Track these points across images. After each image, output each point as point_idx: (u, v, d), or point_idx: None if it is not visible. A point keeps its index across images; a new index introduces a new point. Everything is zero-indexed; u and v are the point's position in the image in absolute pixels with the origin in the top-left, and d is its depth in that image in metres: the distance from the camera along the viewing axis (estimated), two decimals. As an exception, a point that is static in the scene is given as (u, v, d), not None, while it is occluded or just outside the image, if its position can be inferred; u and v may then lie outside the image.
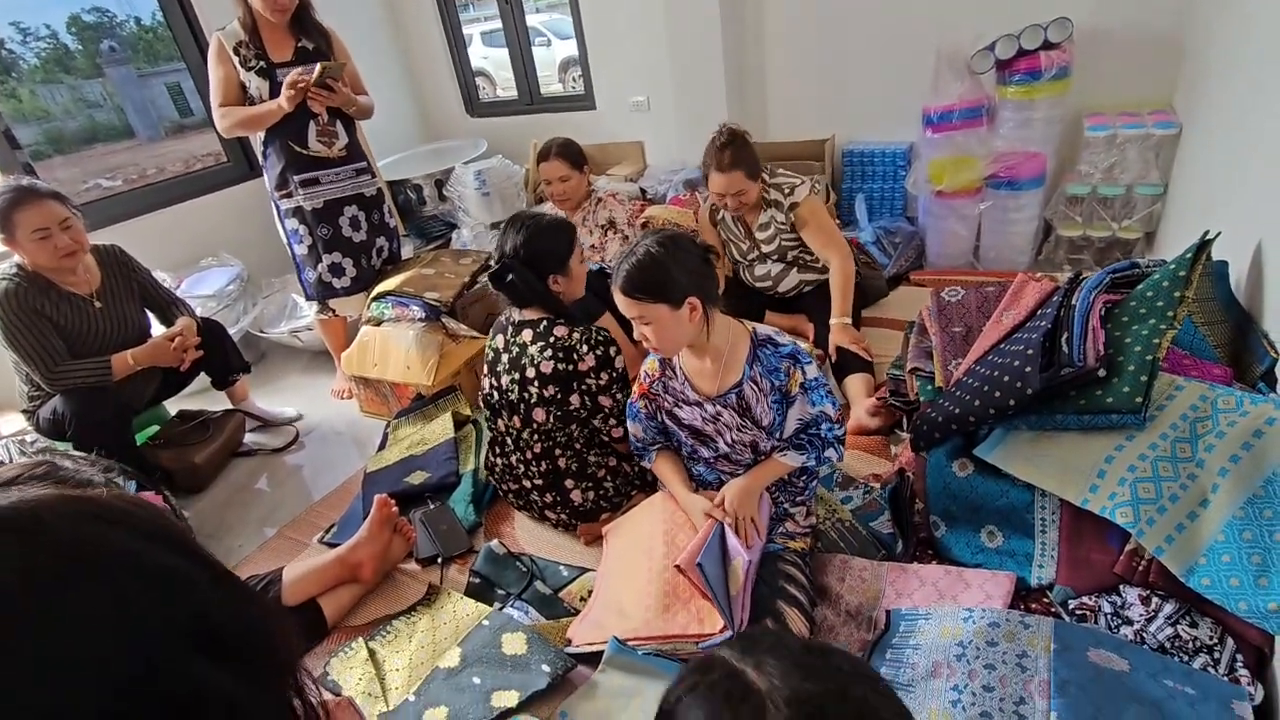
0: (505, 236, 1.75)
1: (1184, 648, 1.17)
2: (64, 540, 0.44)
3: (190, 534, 0.51)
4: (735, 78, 3.30)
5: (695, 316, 1.43)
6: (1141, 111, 2.50)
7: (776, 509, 1.62)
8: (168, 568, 0.47)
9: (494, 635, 1.52)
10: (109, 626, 0.42)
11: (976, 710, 1.15)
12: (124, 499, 0.48)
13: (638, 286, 1.40)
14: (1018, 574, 1.40)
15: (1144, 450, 1.28)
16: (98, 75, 3.85)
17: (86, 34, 3.36)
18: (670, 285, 1.39)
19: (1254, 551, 1.13)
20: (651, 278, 1.39)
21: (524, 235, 1.71)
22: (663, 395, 1.61)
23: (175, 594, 0.46)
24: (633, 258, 1.41)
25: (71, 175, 3.53)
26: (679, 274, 1.40)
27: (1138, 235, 2.55)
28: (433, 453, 2.17)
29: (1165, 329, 1.34)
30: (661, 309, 1.40)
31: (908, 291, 2.76)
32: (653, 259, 1.40)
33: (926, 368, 1.79)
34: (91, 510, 0.45)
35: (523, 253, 1.70)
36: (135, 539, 0.46)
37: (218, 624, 0.47)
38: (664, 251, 1.40)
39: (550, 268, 1.73)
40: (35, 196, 1.94)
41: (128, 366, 2.09)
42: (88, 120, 4.13)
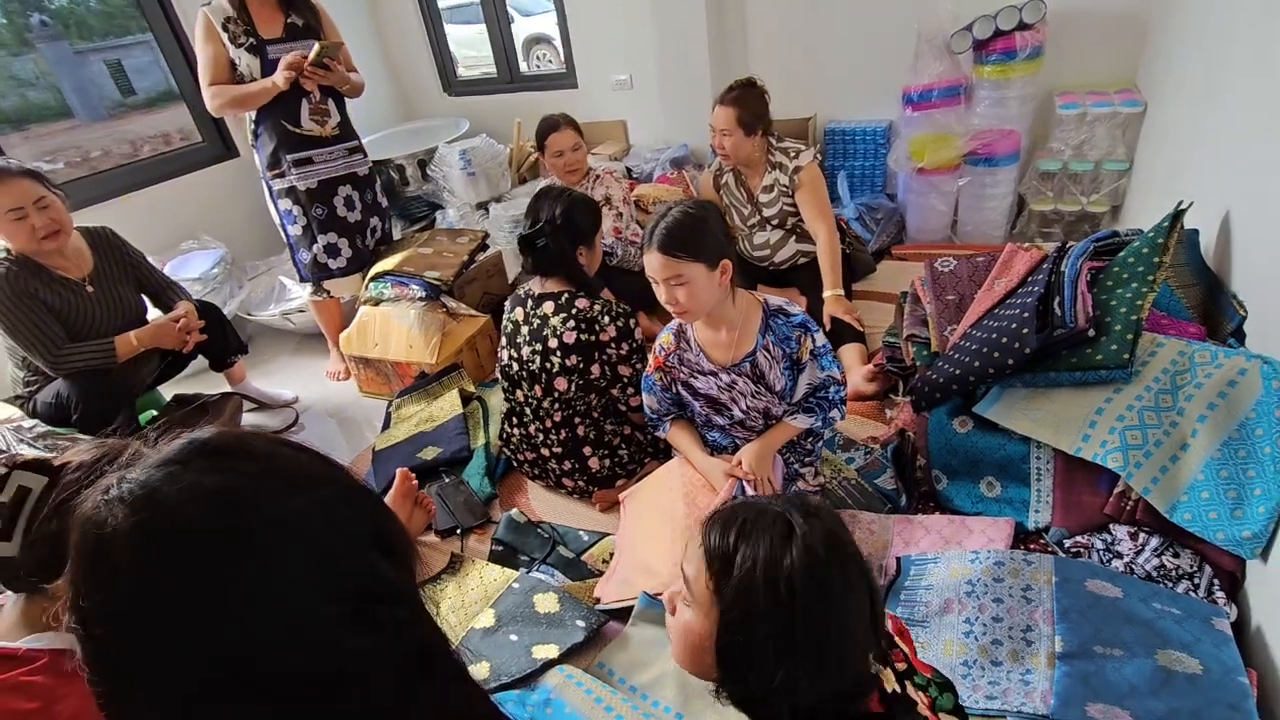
0: (540, 204, 1.80)
1: (1168, 576, 1.30)
2: (274, 458, 0.52)
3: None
4: (719, 56, 3.34)
5: (725, 280, 1.48)
6: (1109, 90, 2.65)
7: (787, 470, 1.72)
8: (350, 483, 0.55)
9: (525, 596, 1.59)
10: (318, 529, 0.50)
11: (988, 639, 1.26)
12: (290, 440, 0.58)
13: (678, 244, 1.41)
14: (1016, 519, 1.52)
15: (1131, 401, 1.40)
16: (28, 51, 3.65)
17: (11, 5, 3.19)
18: (709, 244, 1.43)
19: (1230, 487, 1.26)
20: (691, 235, 1.41)
21: (562, 205, 1.76)
22: (678, 368, 1.67)
23: (358, 505, 0.55)
24: (669, 218, 1.43)
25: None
26: (716, 234, 1.44)
27: (1105, 209, 2.71)
28: (443, 428, 2.20)
29: (1146, 292, 1.46)
30: (699, 268, 1.43)
31: (892, 265, 2.88)
32: (691, 218, 1.42)
33: (922, 334, 1.89)
34: (273, 436, 0.55)
35: (560, 220, 1.75)
36: (322, 461, 0.55)
37: (384, 529, 0.56)
38: (700, 211, 1.44)
39: (581, 239, 1.78)
40: (6, 175, 1.86)
41: (132, 348, 2.06)
42: (20, 99, 3.93)
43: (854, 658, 0.76)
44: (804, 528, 0.76)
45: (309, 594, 0.47)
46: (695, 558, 0.83)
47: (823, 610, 0.73)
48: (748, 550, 0.76)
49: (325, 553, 0.49)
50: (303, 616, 0.47)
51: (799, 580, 0.72)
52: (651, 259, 1.45)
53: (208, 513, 0.46)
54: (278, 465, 0.51)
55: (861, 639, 0.76)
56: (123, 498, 0.47)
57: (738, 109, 2.26)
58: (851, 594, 0.75)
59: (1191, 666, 1.11)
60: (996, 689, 1.20)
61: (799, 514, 0.78)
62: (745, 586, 0.75)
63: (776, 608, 0.73)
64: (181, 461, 0.49)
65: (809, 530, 0.76)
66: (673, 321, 1.66)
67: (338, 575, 0.49)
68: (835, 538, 0.78)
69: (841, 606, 0.74)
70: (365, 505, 0.55)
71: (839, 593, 0.74)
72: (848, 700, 0.77)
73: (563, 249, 1.76)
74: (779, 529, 0.76)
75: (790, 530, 0.76)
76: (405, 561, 0.57)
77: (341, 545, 0.51)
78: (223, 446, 0.50)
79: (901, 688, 0.86)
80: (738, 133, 2.29)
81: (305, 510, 0.49)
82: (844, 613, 0.74)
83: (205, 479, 0.48)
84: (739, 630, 0.75)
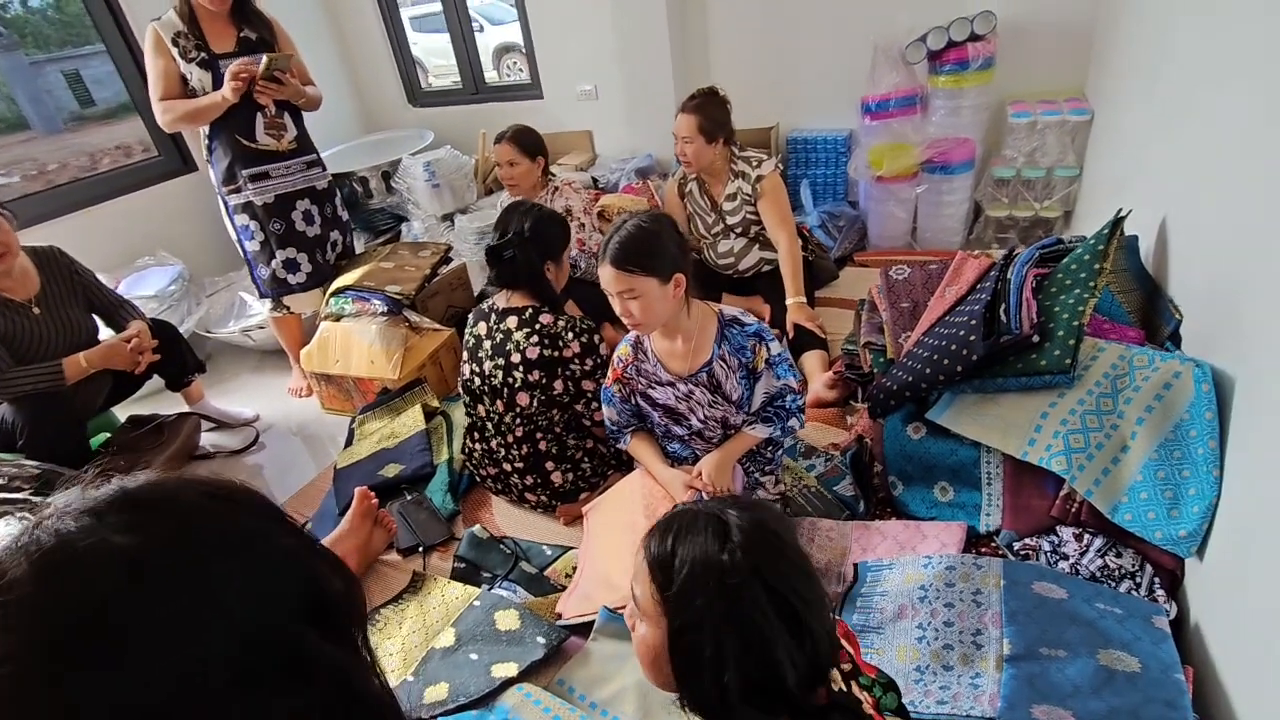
0: (510, 217, 1.81)
1: (1112, 575, 1.33)
2: (198, 515, 0.48)
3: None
4: (682, 68, 3.38)
5: (679, 293, 1.49)
6: (1058, 99, 2.72)
7: (748, 479, 1.73)
8: (285, 546, 0.51)
9: (486, 614, 1.58)
10: (234, 590, 0.46)
11: (940, 644, 1.28)
12: (239, 484, 0.53)
13: (631, 258, 1.42)
14: (968, 523, 1.55)
15: (1073, 405, 1.44)
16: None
17: (-41, 15, 3.12)
18: (662, 258, 1.44)
19: (1166, 488, 1.30)
20: (644, 250, 1.43)
21: (531, 219, 1.77)
22: (636, 379, 1.68)
23: (287, 573, 0.50)
24: (622, 232, 1.44)
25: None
26: (669, 248, 1.46)
27: (1058, 214, 2.78)
28: (405, 444, 2.18)
29: (1088, 298, 1.50)
30: (651, 282, 1.44)
31: (854, 272, 2.92)
32: (645, 232, 1.44)
33: (879, 341, 1.92)
34: (208, 489, 0.50)
35: (528, 233, 1.75)
36: (257, 518, 0.51)
37: (319, 596, 0.51)
38: (654, 225, 1.46)
39: (548, 253, 1.79)
40: None
41: (81, 370, 2.01)
42: (-28, 112, 3.82)
43: (806, 645, 0.76)
44: (738, 522, 0.78)
45: (212, 671, 0.43)
46: (639, 571, 0.85)
47: (765, 601, 0.74)
48: (684, 553, 0.78)
49: (237, 628, 0.45)
50: (203, 696, 0.43)
51: (737, 574, 0.74)
52: (605, 272, 1.47)
53: (105, 577, 0.43)
54: (199, 526, 0.48)
55: (814, 625, 0.77)
56: (28, 548, 0.44)
57: (699, 116, 2.29)
58: (795, 582, 0.77)
59: (1131, 665, 1.14)
60: (947, 693, 1.22)
61: (732, 510, 0.81)
62: (686, 589, 0.77)
63: (718, 604, 0.75)
64: (97, 513, 0.46)
65: (743, 525, 0.78)
66: (630, 333, 1.67)
67: (252, 651, 0.45)
68: (771, 530, 0.80)
69: (784, 596, 0.75)
70: (296, 571, 0.50)
71: (781, 583, 0.76)
72: (807, 689, 0.78)
73: (530, 262, 1.77)
74: (713, 528, 0.79)
75: (724, 527, 0.78)
76: (343, 629, 0.52)
77: (258, 619, 0.46)
78: (144, 500, 0.47)
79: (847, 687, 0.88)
80: (699, 140, 2.31)
81: (219, 579, 0.46)
82: (788, 602, 0.75)
83: (115, 538, 0.44)
84: (687, 633, 0.77)
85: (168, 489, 0.49)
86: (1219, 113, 1.39)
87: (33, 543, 0.44)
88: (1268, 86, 1.18)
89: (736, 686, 0.74)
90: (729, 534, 0.78)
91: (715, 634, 0.74)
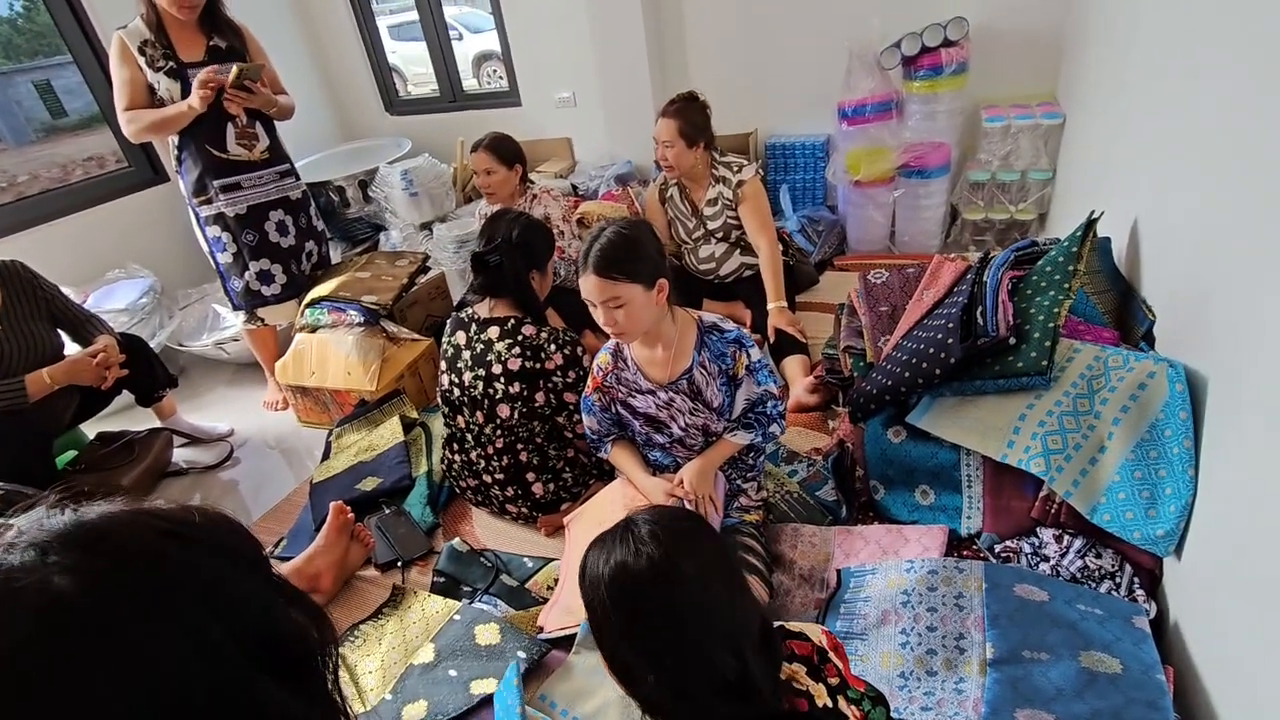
0: (497, 224, 1.79)
1: (1092, 576, 1.33)
2: (145, 560, 0.44)
3: (261, 549, 0.52)
4: (660, 75, 3.38)
5: (662, 299, 1.48)
6: (1031, 103, 2.75)
7: (730, 485, 1.71)
8: (242, 593, 0.47)
9: (466, 628, 1.55)
10: (172, 645, 0.42)
11: (923, 649, 1.27)
12: (207, 515, 0.49)
13: (614, 266, 1.40)
14: (949, 526, 1.55)
15: (1050, 407, 1.44)
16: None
17: (-77, 26, 3.05)
18: (645, 264, 1.42)
19: (1143, 488, 1.30)
20: (627, 256, 1.41)
21: (519, 226, 1.77)
22: (616, 387, 1.66)
23: (246, 618, 0.46)
24: (603, 239, 1.41)
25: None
26: (650, 253, 1.44)
27: (1032, 216, 2.81)
28: (383, 457, 2.15)
29: (1063, 299, 1.51)
30: (636, 289, 1.42)
31: (834, 276, 2.93)
32: (626, 239, 1.42)
33: (858, 345, 1.92)
34: (165, 527, 0.46)
35: (515, 240, 1.74)
36: (213, 557, 0.47)
37: (278, 642, 0.48)
38: (634, 231, 1.44)
39: (533, 262, 1.78)
40: None
41: (45, 386, 1.95)
42: (-60, 123, 3.74)
43: (718, 646, 0.76)
44: (644, 529, 0.81)
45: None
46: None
47: (666, 602, 0.78)
48: (597, 567, 0.82)
49: (171, 682, 0.42)
50: None
51: (636, 579, 0.78)
52: (588, 282, 1.44)
53: (27, 621, 0.39)
54: (145, 571, 0.44)
55: (724, 627, 0.78)
56: None
57: (679, 120, 2.29)
58: (701, 583, 0.79)
59: (1112, 667, 1.14)
60: (931, 699, 1.21)
61: (644, 517, 0.84)
62: (595, 599, 0.81)
63: (622, 609, 0.79)
64: (44, 548, 0.42)
65: (649, 531, 0.81)
66: (610, 341, 1.65)
67: (186, 706, 0.42)
68: (679, 533, 0.82)
69: (688, 597, 0.78)
70: (250, 617, 0.47)
71: (682, 583, 0.78)
72: (739, 699, 0.78)
73: (516, 269, 1.75)
74: (619, 537, 0.82)
75: (628, 535, 0.81)
76: (304, 673, 0.49)
77: (201, 672, 0.43)
78: (92, 538, 0.44)
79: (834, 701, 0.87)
80: (679, 144, 2.31)
81: (154, 634, 0.42)
82: (692, 603, 0.78)
83: (55, 579, 0.41)
84: (606, 641, 0.82)
85: (120, 527, 0.45)
86: (1186, 116, 1.41)
87: None
88: (1232, 90, 1.19)
89: (669, 688, 0.77)
90: (631, 541, 0.80)
91: (623, 639, 0.79)
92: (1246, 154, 1.12)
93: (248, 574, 0.49)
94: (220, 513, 0.50)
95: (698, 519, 0.93)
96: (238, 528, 0.51)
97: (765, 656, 0.80)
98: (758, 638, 0.80)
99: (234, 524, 0.51)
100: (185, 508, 0.49)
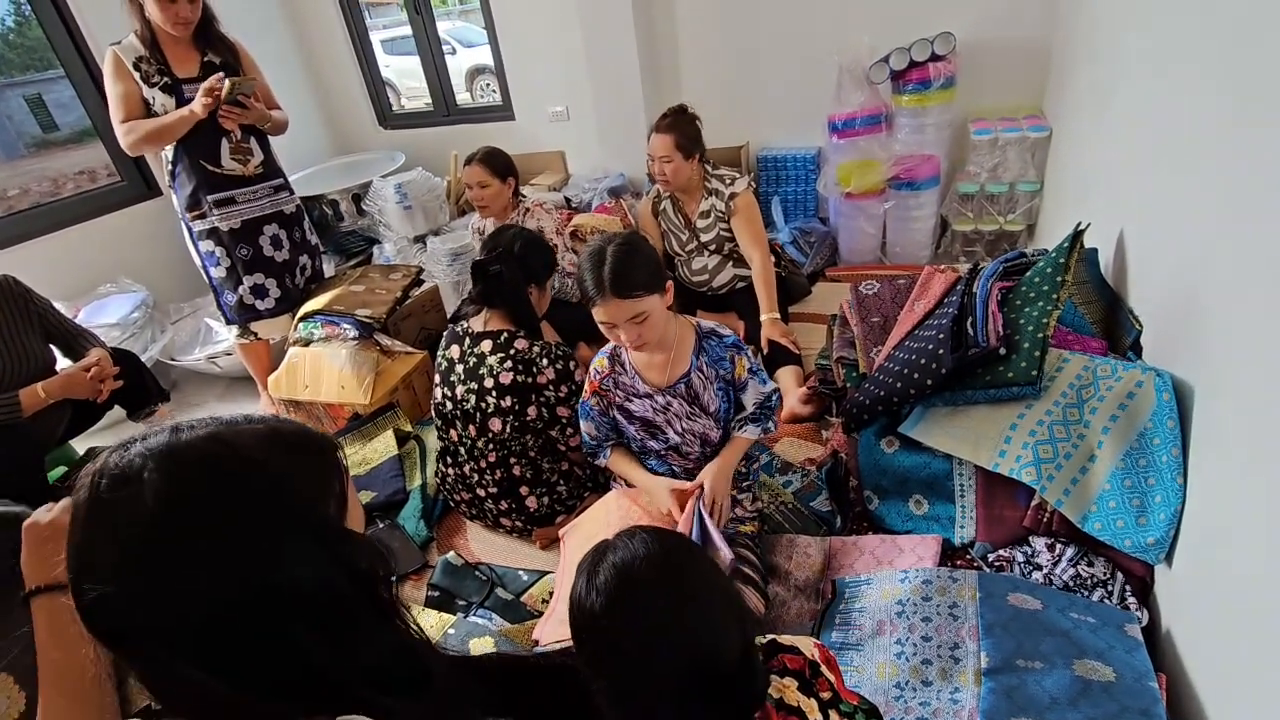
0: (501, 236, 1.82)
1: (1084, 584, 1.34)
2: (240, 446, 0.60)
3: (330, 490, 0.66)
4: (653, 88, 3.41)
5: (669, 300, 1.50)
6: (1018, 116, 2.79)
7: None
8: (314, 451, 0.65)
9: (461, 643, 1.54)
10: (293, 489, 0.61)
11: (918, 659, 1.28)
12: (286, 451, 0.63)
13: (632, 284, 1.39)
14: (943, 536, 1.55)
15: (1041, 416, 1.45)
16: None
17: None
18: (655, 273, 1.44)
19: (1133, 496, 1.31)
20: (639, 271, 1.41)
21: (523, 240, 1.80)
22: (613, 391, 1.66)
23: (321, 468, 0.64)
24: (611, 261, 1.39)
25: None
26: (655, 259, 1.47)
27: (1021, 227, 2.84)
28: (377, 471, 2.14)
29: (1051, 310, 1.53)
30: (654, 300, 1.43)
31: (826, 287, 2.95)
32: (631, 252, 1.41)
33: (851, 356, 1.93)
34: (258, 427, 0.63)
35: (518, 251, 1.77)
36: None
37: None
38: (633, 242, 1.45)
39: (533, 277, 1.79)
40: None
41: (39, 400, 1.94)
42: (-70, 137, 3.74)
43: (667, 668, 0.77)
44: (619, 549, 0.82)
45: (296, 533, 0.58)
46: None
47: (626, 624, 0.78)
48: (578, 590, 0.83)
49: (301, 504, 0.60)
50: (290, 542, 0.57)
51: (601, 601, 0.78)
52: (609, 308, 1.41)
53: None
54: (209, 480, 0.58)
55: (680, 644, 0.78)
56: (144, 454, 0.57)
57: (674, 134, 2.31)
58: (663, 602, 0.79)
59: (1106, 675, 1.14)
60: (927, 709, 1.21)
61: (622, 538, 0.84)
62: (572, 627, 0.83)
63: (589, 632, 0.80)
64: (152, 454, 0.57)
65: (620, 551, 0.81)
66: (607, 345, 1.65)
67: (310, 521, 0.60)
68: (652, 557, 0.81)
69: (649, 616, 0.78)
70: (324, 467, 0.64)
71: (644, 606, 0.79)
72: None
73: (515, 280, 1.76)
74: (593, 557, 0.83)
75: (602, 558, 0.82)
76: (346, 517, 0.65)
77: (309, 504, 0.61)
78: (179, 450, 0.58)
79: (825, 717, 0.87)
80: (677, 157, 2.33)
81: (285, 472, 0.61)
82: (653, 622, 0.78)
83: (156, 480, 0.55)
84: (586, 665, 0.82)
85: (201, 457, 0.58)
86: (1170, 129, 1.43)
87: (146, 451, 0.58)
88: (1215, 104, 1.22)
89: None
90: (604, 565, 0.81)
91: (591, 660, 0.81)
92: (1229, 165, 1.14)
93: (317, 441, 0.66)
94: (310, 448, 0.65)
95: (682, 541, 0.91)
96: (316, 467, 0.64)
97: (745, 679, 0.81)
98: (736, 661, 0.80)
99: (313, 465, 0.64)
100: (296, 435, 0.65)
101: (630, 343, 1.48)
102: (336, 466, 0.65)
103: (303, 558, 0.57)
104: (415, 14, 3.84)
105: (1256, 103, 1.05)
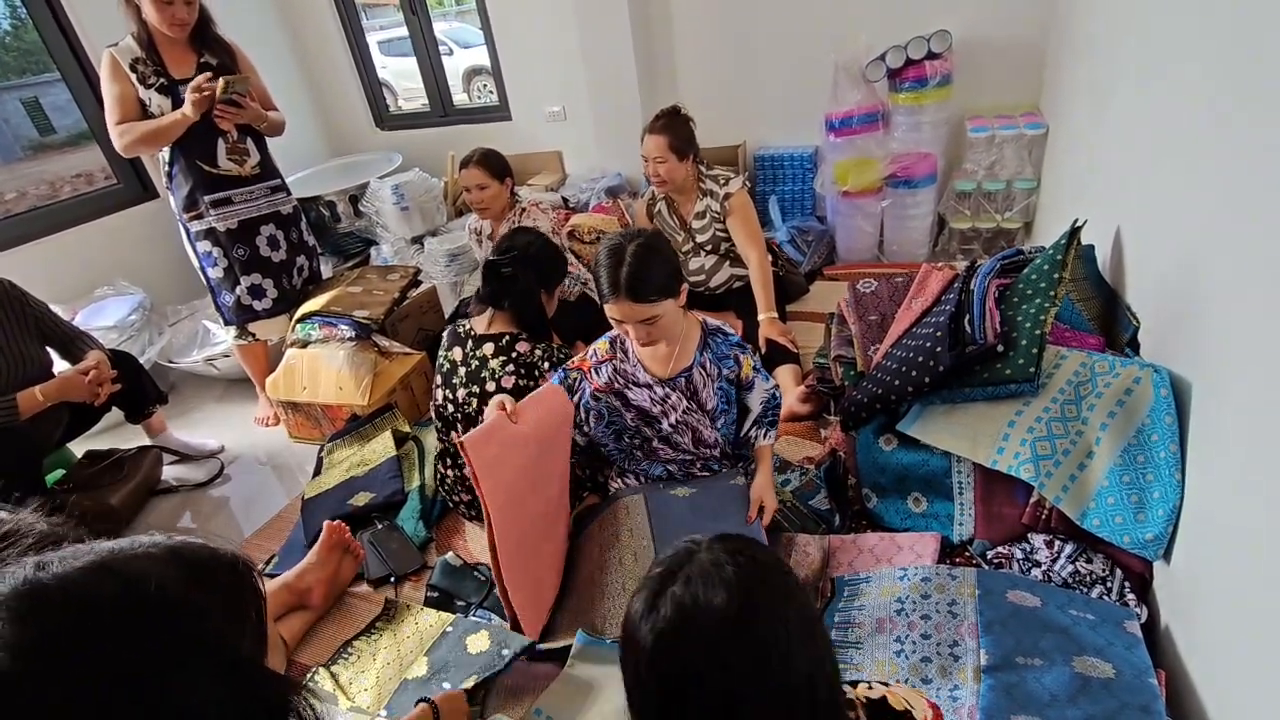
0: (515, 237, 1.82)
1: (1083, 581, 1.34)
2: (90, 621, 0.46)
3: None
4: (649, 88, 3.41)
5: (683, 300, 1.50)
6: (1014, 114, 2.79)
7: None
8: (197, 686, 0.49)
9: (459, 640, 1.54)
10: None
11: (918, 657, 1.28)
12: (173, 592, 0.49)
13: (650, 289, 1.39)
14: (942, 533, 1.55)
15: (1039, 413, 1.45)
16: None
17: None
18: (674, 277, 1.44)
19: (1131, 492, 1.31)
20: (659, 275, 1.41)
21: (538, 243, 1.79)
22: (612, 376, 1.64)
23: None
24: (630, 261, 1.38)
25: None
26: (674, 263, 1.46)
27: (1018, 225, 2.84)
28: (375, 472, 2.14)
29: (1049, 306, 1.53)
30: (669, 303, 1.43)
31: (824, 286, 2.95)
32: (651, 254, 1.40)
33: (849, 354, 1.93)
34: (135, 588, 0.48)
35: (531, 252, 1.77)
36: (171, 646, 0.48)
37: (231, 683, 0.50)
38: (655, 243, 1.44)
39: (544, 280, 1.80)
40: None
41: (36, 403, 1.94)
42: (-73, 141, 3.74)
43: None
44: (691, 582, 0.66)
45: None
46: None
47: (668, 669, 0.65)
48: (635, 609, 0.70)
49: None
50: None
51: (650, 640, 0.65)
52: (622, 308, 1.42)
53: None
54: (90, 628, 0.44)
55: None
56: None
57: (669, 135, 2.31)
58: (718, 664, 0.63)
59: (1105, 671, 1.14)
60: (927, 707, 1.21)
61: (700, 562, 0.68)
62: (620, 645, 0.71)
63: (636, 667, 0.67)
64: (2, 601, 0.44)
65: (692, 586, 0.66)
66: (611, 330, 1.65)
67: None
68: (726, 610, 0.65)
69: (695, 666, 0.64)
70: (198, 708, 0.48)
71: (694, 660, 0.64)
72: None
73: (526, 280, 1.76)
74: (662, 573, 0.69)
75: (671, 579, 0.68)
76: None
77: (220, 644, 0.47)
78: (44, 591, 0.44)
79: None
80: (671, 158, 2.33)
81: (99, 689, 0.43)
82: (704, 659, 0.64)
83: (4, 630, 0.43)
84: (627, 683, 0.70)
85: (82, 582, 0.45)
86: (1166, 126, 1.43)
87: None
88: (1212, 100, 1.22)
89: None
90: (658, 603, 0.66)
91: (633, 688, 0.69)
92: (1226, 161, 1.14)
93: (210, 663, 0.49)
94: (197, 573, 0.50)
95: (770, 563, 0.72)
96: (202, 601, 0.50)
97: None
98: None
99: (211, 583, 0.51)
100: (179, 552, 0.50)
101: (638, 340, 1.49)
102: (254, 591, 0.54)
103: (213, 713, 0.47)
104: (412, 15, 3.83)
105: (1254, 99, 1.05)
